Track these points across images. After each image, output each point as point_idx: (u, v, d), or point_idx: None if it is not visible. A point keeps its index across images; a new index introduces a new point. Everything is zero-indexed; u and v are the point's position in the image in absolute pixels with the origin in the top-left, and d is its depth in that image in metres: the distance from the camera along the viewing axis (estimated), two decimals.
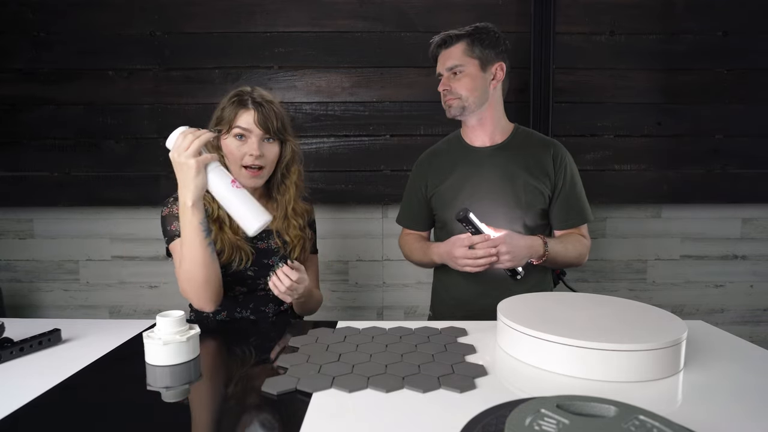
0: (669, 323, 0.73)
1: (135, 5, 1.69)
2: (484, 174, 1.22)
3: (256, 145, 1.03)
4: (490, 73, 1.20)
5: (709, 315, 1.88)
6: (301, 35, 1.71)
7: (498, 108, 1.24)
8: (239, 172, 1.05)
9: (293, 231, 1.13)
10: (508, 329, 0.75)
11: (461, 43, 1.19)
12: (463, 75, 1.18)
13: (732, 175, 1.78)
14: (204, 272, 0.95)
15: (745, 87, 1.75)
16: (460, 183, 1.24)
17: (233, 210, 0.91)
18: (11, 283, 1.84)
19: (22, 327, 0.88)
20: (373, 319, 1.83)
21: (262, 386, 0.65)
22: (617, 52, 1.72)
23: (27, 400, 0.62)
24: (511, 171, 1.20)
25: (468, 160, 1.25)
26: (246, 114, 1.04)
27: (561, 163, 1.21)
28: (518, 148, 1.23)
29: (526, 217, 1.20)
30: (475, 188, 1.22)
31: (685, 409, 0.59)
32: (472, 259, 1.07)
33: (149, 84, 1.72)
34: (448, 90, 1.20)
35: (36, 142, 1.73)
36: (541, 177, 1.20)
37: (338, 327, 0.90)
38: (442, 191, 1.26)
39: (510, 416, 0.47)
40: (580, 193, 1.23)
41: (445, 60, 1.21)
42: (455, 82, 1.19)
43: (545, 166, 1.20)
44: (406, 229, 1.41)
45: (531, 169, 1.20)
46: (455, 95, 1.19)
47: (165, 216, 1.07)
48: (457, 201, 1.23)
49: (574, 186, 1.22)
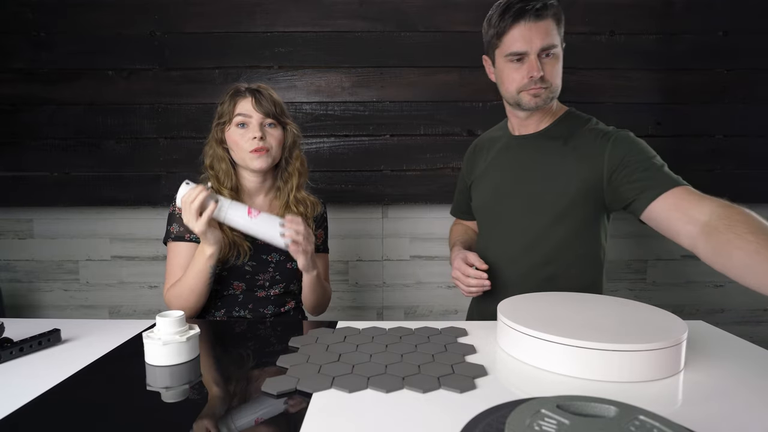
0: (669, 323, 0.73)
1: (135, 5, 1.69)
2: (511, 164, 1.10)
3: (257, 127, 1.06)
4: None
5: (710, 315, 1.88)
6: (301, 35, 1.71)
7: None
8: (246, 157, 1.07)
9: None
10: (508, 329, 0.75)
11: (552, 17, 0.97)
12: (555, 59, 0.99)
13: (732, 175, 1.78)
14: (194, 299, 1.03)
15: (745, 87, 1.74)
16: (487, 173, 1.16)
17: (261, 236, 0.97)
18: (11, 283, 1.84)
19: (22, 327, 0.88)
20: (373, 319, 1.84)
21: (262, 386, 0.65)
22: (617, 52, 1.72)
23: (27, 400, 0.62)
24: (542, 161, 1.05)
25: (500, 148, 1.15)
26: (244, 101, 1.07)
27: (612, 149, 0.98)
28: (557, 138, 1.06)
29: (555, 209, 1.03)
30: (501, 179, 1.11)
31: (686, 409, 0.59)
32: (463, 276, 1.01)
33: (149, 84, 1.72)
34: (539, 77, 0.98)
35: (36, 142, 1.73)
36: (580, 167, 1.01)
37: (338, 327, 0.90)
38: (474, 181, 1.20)
39: (510, 416, 0.47)
40: (655, 163, 0.94)
41: (540, 36, 0.96)
42: (548, 66, 0.98)
43: (587, 154, 1.00)
44: (456, 219, 1.37)
45: (568, 159, 1.02)
46: (546, 84, 0.99)
47: (169, 214, 1.12)
48: (486, 191, 1.15)
49: (639, 157, 0.95)
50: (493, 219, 1.14)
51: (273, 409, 0.60)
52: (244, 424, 0.57)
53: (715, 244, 0.76)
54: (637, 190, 0.92)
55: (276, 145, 1.09)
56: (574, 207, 1.03)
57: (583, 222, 1.05)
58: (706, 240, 0.78)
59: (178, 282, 1.03)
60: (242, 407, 0.61)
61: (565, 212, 1.03)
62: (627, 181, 0.94)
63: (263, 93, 1.08)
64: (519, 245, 1.08)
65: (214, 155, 1.10)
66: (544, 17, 0.96)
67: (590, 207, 1.03)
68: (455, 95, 1.73)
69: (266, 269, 1.11)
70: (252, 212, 0.95)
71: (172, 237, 1.07)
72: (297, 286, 1.18)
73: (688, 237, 0.82)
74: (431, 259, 1.84)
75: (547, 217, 1.04)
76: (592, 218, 1.05)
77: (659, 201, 0.88)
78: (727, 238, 0.73)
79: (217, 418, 0.58)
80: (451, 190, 1.59)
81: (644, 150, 0.97)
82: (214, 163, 1.10)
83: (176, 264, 1.07)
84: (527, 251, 1.07)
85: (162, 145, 1.74)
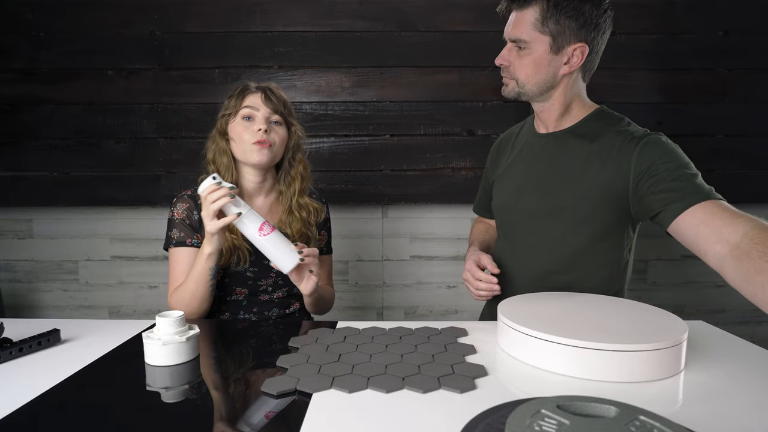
0: (670, 323, 0.73)
1: (135, 5, 1.69)
2: (532, 163, 1.04)
3: (263, 121, 1.06)
4: (564, 54, 0.93)
5: (710, 315, 1.88)
6: (301, 35, 1.71)
7: (571, 94, 0.99)
8: (249, 149, 1.06)
9: (296, 225, 1.12)
10: (508, 329, 0.75)
11: (535, 7, 0.92)
12: (527, 53, 0.94)
13: (732, 175, 1.78)
14: (197, 303, 1.02)
15: (745, 87, 1.74)
16: (507, 172, 1.11)
17: (266, 254, 0.95)
18: (10, 283, 1.84)
19: (22, 327, 0.88)
20: (373, 319, 1.84)
21: (262, 386, 0.65)
22: (617, 52, 1.72)
23: (27, 400, 0.62)
24: (564, 162, 0.99)
25: (523, 147, 1.09)
26: (252, 96, 1.09)
27: (640, 154, 0.91)
28: (582, 137, 0.98)
29: (575, 213, 0.98)
30: (521, 178, 1.06)
31: (686, 409, 0.59)
32: (473, 279, 0.97)
33: (149, 84, 1.72)
34: (506, 66, 0.98)
35: (35, 142, 1.73)
36: (605, 170, 0.94)
37: (338, 327, 0.90)
38: (496, 179, 1.15)
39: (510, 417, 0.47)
40: (686, 172, 0.88)
41: (512, 26, 0.95)
42: (517, 59, 0.96)
43: (614, 158, 0.93)
44: (479, 216, 1.33)
45: (592, 160, 0.95)
46: (512, 76, 0.97)
47: (168, 219, 1.11)
48: (505, 191, 1.10)
49: (669, 165, 0.88)
50: (511, 220, 1.09)
51: (273, 409, 0.60)
52: (244, 424, 0.57)
53: (745, 272, 0.69)
54: (663, 202, 0.85)
55: (279, 142, 1.09)
56: (597, 213, 0.96)
57: (604, 230, 0.97)
58: (735, 265, 0.70)
59: (180, 287, 1.03)
60: (242, 407, 0.61)
61: (587, 218, 0.96)
62: (654, 191, 0.87)
63: (273, 91, 1.10)
64: (536, 250, 1.03)
65: (216, 148, 1.10)
66: (523, 7, 0.93)
67: (614, 215, 0.96)
68: (455, 95, 1.73)
69: (268, 274, 1.10)
70: (264, 230, 0.94)
71: (173, 243, 1.07)
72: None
73: (716, 258, 0.75)
74: (431, 259, 1.84)
75: (567, 221, 0.98)
76: (616, 226, 0.98)
77: (687, 215, 0.81)
78: (760, 267, 0.66)
79: (217, 419, 0.58)
80: (452, 189, 1.59)
81: (676, 157, 0.89)
82: (216, 157, 1.10)
83: (178, 269, 1.07)
84: (544, 257, 1.02)
85: (162, 145, 1.74)
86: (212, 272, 1.00)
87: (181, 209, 1.08)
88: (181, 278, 1.05)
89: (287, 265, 0.94)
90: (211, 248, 0.97)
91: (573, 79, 0.98)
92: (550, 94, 0.98)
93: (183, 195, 1.11)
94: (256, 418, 0.58)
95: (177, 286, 1.05)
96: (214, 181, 0.92)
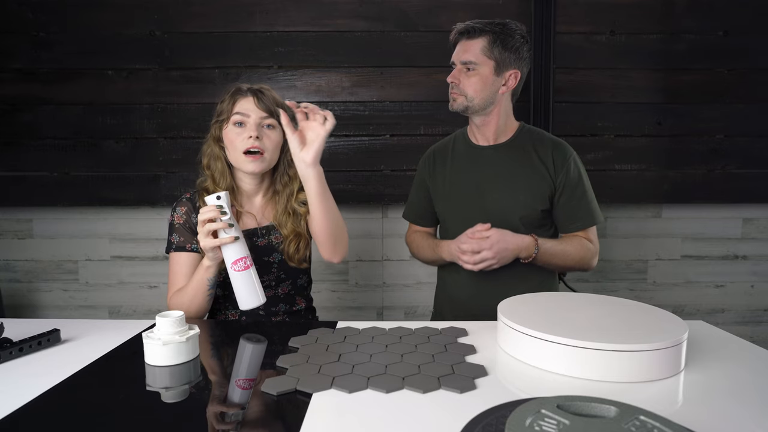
0: (669, 323, 0.73)
1: (135, 5, 1.69)
2: (481, 172, 1.22)
3: (254, 127, 1.05)
4: (503, 77, 1.16)
5: (710, 315, 1.88)
6: (301, 35, 1.71)
7: (505, 111, 1.21)
8: (240, 159, 1.05)
9: (291, 225, 1.12)
10: (508, 329, 0.75)
11: (483, 38, 1.15)
12: (475, 73, 1.15)
13: (732, 175, 1.78)
14: (195, 308, 1.04)
15: (745, 87, 1.74)
16: (456, 179, 1.25)
17: (233, 285, 0.95)
18: (10, 283, 1.84)
19: (22, 327, 0.88)
20: (373, 319, 1.84)
21: (262, 386, 0.65)
22: (617, 52, 1.72)
23: (26, 401, 0.62)
24: (508, 170, 1.20)
25: (467, 158, 1.25)
26: (244, 100, 1.07)
27: (563, 163, 1.17)
28: (519, 148, 1.21)
29: (522, 216, 1.18)
30: (471, 185, 1.23)
31: (686, 409, 0.59)
32: (468, 255, 1.09)
33: (149, 84, 1.72)
34: (456, 83, 1.18)
35: (35, 142, 1.73)
36: (541, 177, 1.18)
37: (338, 327, 0.90)
38: (440, 187, 1.28)
39: (510, 417, 0.47)
40: (585, 194, 1.18)
41: (463, 52, 1.16)
42: (465, 78, 1.16)
43: (546, 166, 1.18)
44: (413, 226, 1.40)
45: (530, 169, 1.18)
46: (461, 92, 1.17)
47: (169, 224, 1.11)
48: (454, 198, 1.25)
49: (577, 187, 1.18)
50: (460, 225, 1.19)
51: (273, 409, 0.60)
52: (245, 424, 0.57)
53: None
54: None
55: (272, 147, 1.07)
56: (543, 221, 1.21)
57: (540, 220, 1.21)
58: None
59: (180, 291, 1.04)
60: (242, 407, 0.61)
61: (533, 225, 1.19)
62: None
63: (265, 93, 1.08)
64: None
65: (211, 154, 1.10)
66: (473, 37, 1.16)
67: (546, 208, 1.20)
68: None
69: (269, 270, 1.11)
70: (238, 265, 0.93)
71: (174, 247, 1.08)
72: (304, 279, 1.18)
73: None
74: None
75: (516, 215, 1.19)
76: (549, 216, 1.23)
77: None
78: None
79: (217, 419, 0.58)
80: None
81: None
82: (211, 163, 1.10)
83: (178, 273, 1.07)
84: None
85: (162, 145, 1.74)
86: (211, 283, 1.01)
87: (180, 213, 1.09)
88: (180, 282, 1.06)
89: (244, 304, 0.94)
90: (210, 262, 0.98)
91: (506, 99, 1.20)
92: (491, 110, 1.19)
93: (182, 198, 1.11)
94: (256, 418, 0.58)
95: (177, 289, 1.06)
96: (218, 201, 0.92)
